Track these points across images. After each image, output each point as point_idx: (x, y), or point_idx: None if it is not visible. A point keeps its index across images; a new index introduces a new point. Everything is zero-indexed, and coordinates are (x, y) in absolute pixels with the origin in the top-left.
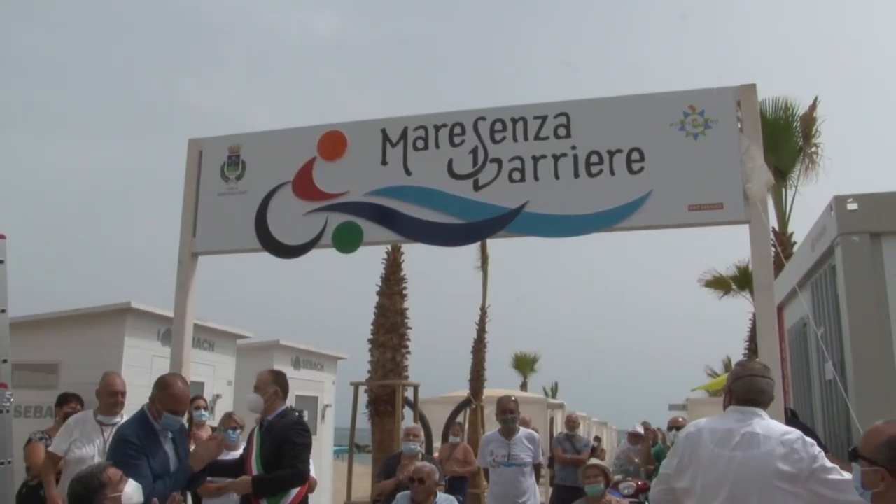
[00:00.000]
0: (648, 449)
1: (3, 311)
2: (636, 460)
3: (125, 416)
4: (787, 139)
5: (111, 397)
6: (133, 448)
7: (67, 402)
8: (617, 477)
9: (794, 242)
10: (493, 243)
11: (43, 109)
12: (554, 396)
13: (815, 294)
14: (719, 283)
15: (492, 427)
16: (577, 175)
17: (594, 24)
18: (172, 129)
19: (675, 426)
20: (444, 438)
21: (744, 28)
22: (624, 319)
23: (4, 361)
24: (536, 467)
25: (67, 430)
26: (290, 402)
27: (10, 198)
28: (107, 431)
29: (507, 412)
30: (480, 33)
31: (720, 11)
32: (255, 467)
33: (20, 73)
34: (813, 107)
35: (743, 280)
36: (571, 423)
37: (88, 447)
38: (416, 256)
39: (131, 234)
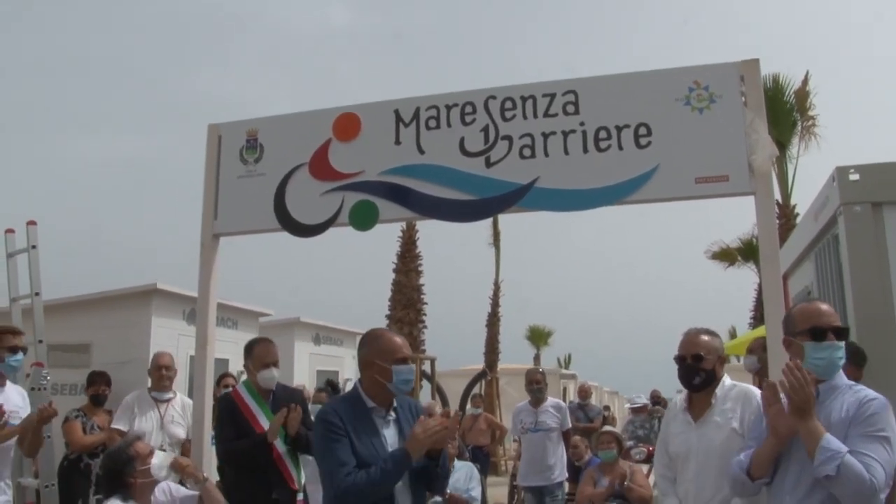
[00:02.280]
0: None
1: (38, 294)
2: (646, 426)
3: (177, 392)
4: (782, 112)
5: (157, 371)
6: (332, 428)
7: (94, 384)
8: (629, 443)
9: (797, 214)
10: (504, 220)
11: (66, 105)
12: (567, 367)
13: (818, 263)
14: (725, 255)
15: (507, 398)
16: (585, 150)
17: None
18: (192, 118)
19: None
20: (462, 410)
21: (745, 5)
22: (634, 291)
23: (40, 342)
24: (565, 434)
25: (128, 407)
26: (312, 376)
27: (40, 189)
28: (161, 407)
29: (535, 383)
30: (489, 23)
31: None
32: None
33: (47, 72)
34: (805, 81)
35: (748, 251)
36: (584, 392)
37: (146, 422)
38: (431, 234)
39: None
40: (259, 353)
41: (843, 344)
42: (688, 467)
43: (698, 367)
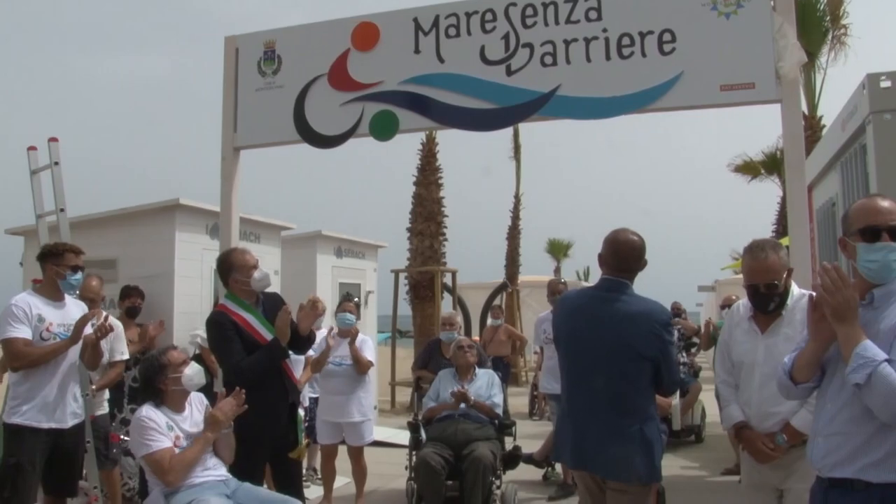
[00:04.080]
0: (708, 334)
1: (63, 210)
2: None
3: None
4: (813, 21)
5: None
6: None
7: (129, 297)
8: None
9: (823, 126)
10: (525, 132)
11: (88, 25)
12: (587, 280)
13: (844, 174)
14: (748, 168)
15: (527, 310)
16: (608, 58)
17: None
18: (210, 35)
19: (728, 304)
20: (483, 322)
21: None
22: (655, 204)
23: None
24: None
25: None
26: (334, 289)
27: (65, 109)
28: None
29: (557, 293)
30: None
31: None
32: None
33: None
34: None
35: (771, 164)
36: None
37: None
38: (452, 143)
39: (177, 135)
40: (239, 260)
41: None
42: (752, 377)
43: (773, 294)
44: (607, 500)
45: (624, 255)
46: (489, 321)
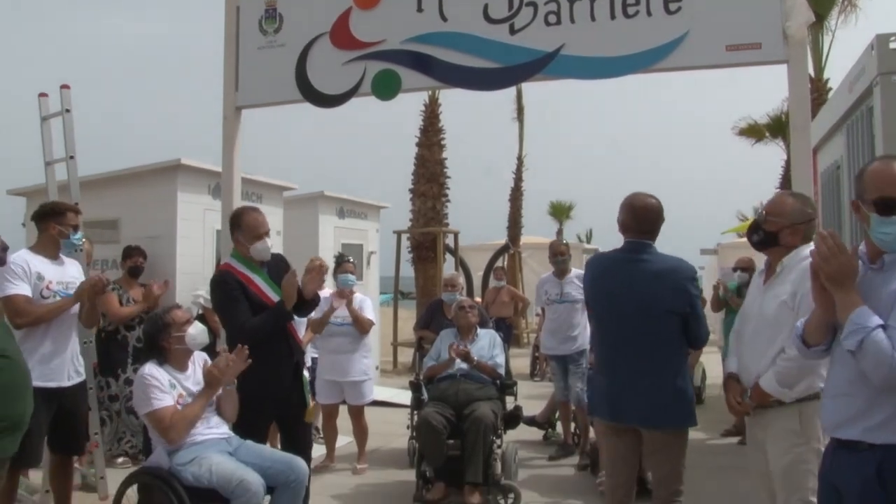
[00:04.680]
0: (717, 296)
1: (72, 157)
2: None
3: None
4: None
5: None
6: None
7: (131, 257)
8: None
9: (830, 89)
10: (528, 92)
11: None
12: (589, 242)
13: (850, 136)
14: (753, 131)
15: (530, 272)
16: (613, 17)
17: None
18: None
19: (742, 266)
20: (485, 283)
21: None
22: (658, 168)
23: (76, 205)
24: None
25: None
26: (337, 249)
27: (65, 67)
28: None
29: (560, 254)
30: None
31: None
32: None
33: None
34: None
35: (776, 127)
36: None
37: None
38: (455, 104)
39: (179, 95)
40: (249, 223)
41: None
42: (747, 328)
43: (759, 225)
44: (644, 449)
45: (643, 217)
46: (491, 282)
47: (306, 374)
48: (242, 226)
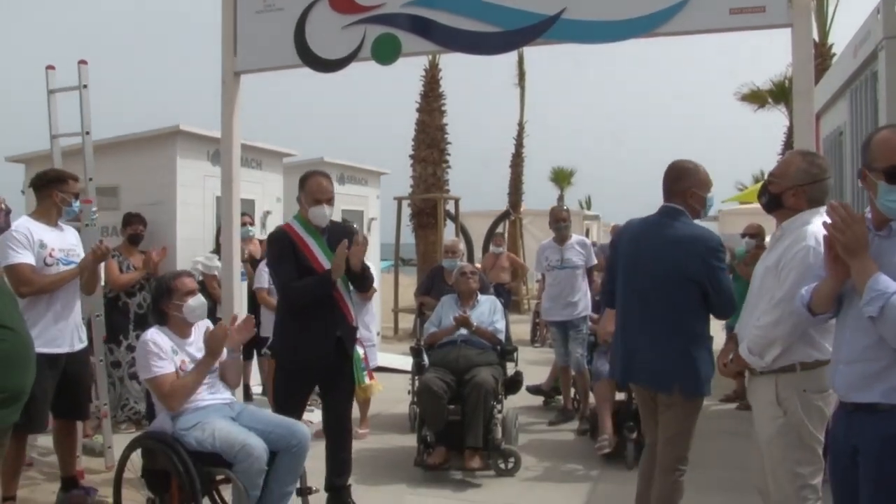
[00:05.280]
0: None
1: (88, 133)
2: None
3: None
4: None
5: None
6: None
7: (131, 224)
8: None
9: (833, 55)
10: (529, 58)
11: None
12: (588, 209)
13: (853, 101)
14: (755, 97)
15: (530, 238)
16: None
17: None
18: None
19: (750, 233)
20: (485, 249)
21: None
22: (659, 133)
23: (90, 180)
24: (590, 271)
25: None
26: (337, 215)
27: (63, 33)
28: None
29: (561, 220)
30: None
31: None
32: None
33: None
34: None
35: (779, 93)
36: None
37: None
38: (455, 68)
39: (176, 61)
40: (311, 187)
41: None
42: (749, 295)
43: (766, 186)
44: (659, 415)
45: (665, 176)
46: (491, 249)
47: (360, 350)
48: (305, 188)
